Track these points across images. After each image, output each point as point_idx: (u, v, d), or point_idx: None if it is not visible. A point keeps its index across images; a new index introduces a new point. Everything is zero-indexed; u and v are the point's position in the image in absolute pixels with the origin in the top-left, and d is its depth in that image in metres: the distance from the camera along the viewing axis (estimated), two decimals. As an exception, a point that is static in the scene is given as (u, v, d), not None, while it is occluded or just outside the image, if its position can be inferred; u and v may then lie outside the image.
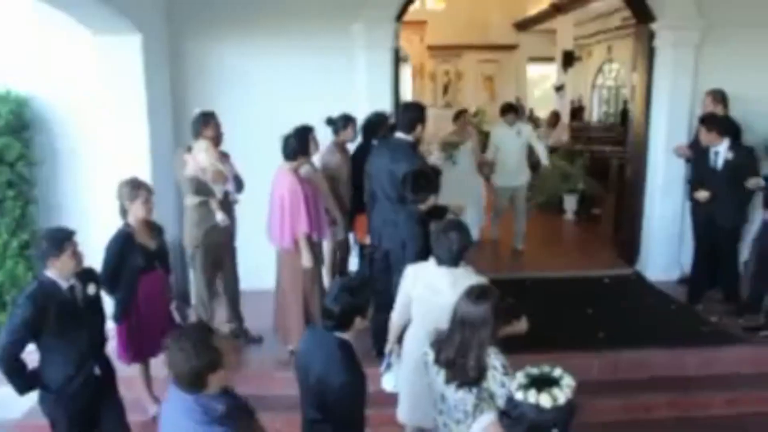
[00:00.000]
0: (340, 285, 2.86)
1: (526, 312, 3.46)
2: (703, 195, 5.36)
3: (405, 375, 3.59)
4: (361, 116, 5.41)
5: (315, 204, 4.49)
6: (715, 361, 4.87)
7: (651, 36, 6.13)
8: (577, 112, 14.52)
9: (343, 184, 5.21)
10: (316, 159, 5.13)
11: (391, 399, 3.75)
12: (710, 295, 5.79)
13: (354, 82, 5.92)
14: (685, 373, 4.82)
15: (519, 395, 2.18)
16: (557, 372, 2.27)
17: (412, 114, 4.30)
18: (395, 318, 3.63)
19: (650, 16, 6.07)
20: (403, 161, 4.01)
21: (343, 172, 5.21)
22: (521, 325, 3.55)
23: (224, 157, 4.78)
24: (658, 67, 6.13)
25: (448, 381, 2.93)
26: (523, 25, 16.11)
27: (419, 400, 3.43)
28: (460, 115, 7.70)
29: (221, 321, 5.07)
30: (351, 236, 5.45)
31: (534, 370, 2.29)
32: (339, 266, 5.51)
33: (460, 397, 2.92)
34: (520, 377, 2.28)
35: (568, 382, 2.22)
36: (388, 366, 3.73)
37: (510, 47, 16.72)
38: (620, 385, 4.68)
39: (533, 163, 7.74)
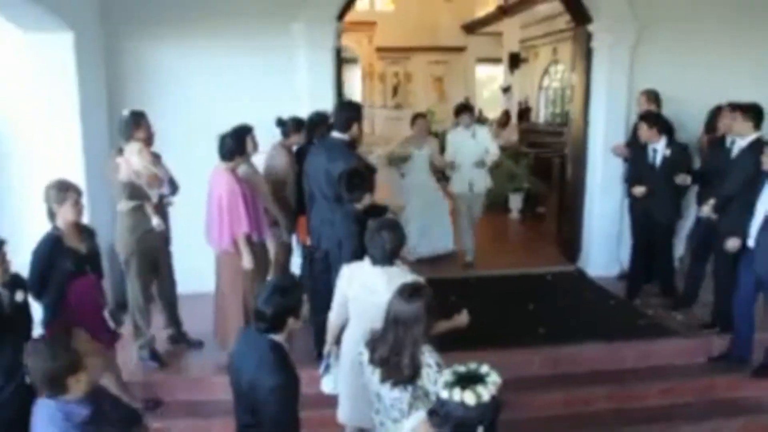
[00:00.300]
0: (272, 286, 2.82)
1: (468, 310, 3.49)
2: (639, 190, 5.51)
3: (343, 376, 3.58)
4: (303, 116, 5.36)
5: (254, 204, 4.42)
6: (651, 354, 4.99)
7: (588, 37, 6.27)
8: (524, 113, 14.75)
9: (290, 187, 5.15)
10: (258, 159, 5.07)
11: (332, 400, 3.73)
12: (647, 289, 5.95)
13: (295, 82, 5.87)
14: (623, 366, 4.92)
15: (444, 394, 2.18)
16: (484, 369, 2.28)
17: (348, 113, 4.29)
18: (332, 318, 3.61)
19: (587, 17, 6.21)
20: (340, 160, 3.99)
21: (290, 175, 5.15)
22: (461, 319, 3.57)
23: (156, 158, 4.67)
24: (596, 68, 6.28)
25: (383, 380, 2.92)
26: (471, 28, 16.34)
27: (358, 401, 3.41)
28: (417, 119, 7.09)
29: (159, 326, 4.96)
30: (294, 238, 5.40)
31: (461, 368, 2.30)
32: (281, 268, 5.43)
33: (396, 396, 2.91)
34: (447, 375, 2.29)
35: (493, 379, 2.23)
36: (327, 368, 3.71)
37: (459, 49, 16.95)
38: (561, 380, 4.75)
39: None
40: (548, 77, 16.42)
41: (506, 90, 14.29)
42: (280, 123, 5.18)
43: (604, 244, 6.46)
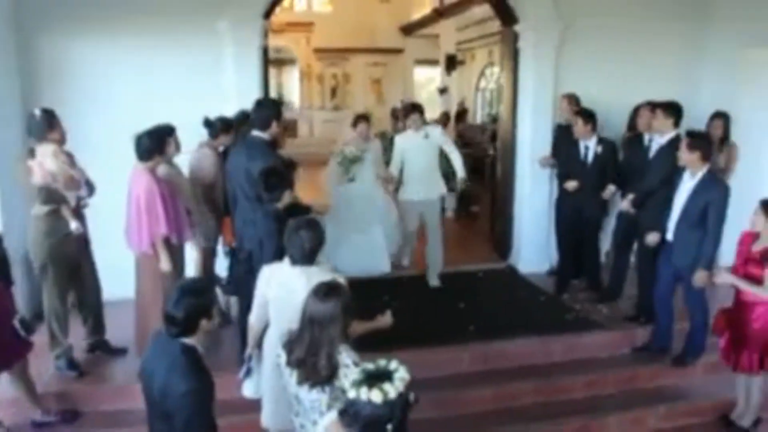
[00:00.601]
0: (181, 288, 2.73)
1: (399, 309, 3.49)
2: (572, 185, 5.64)
3: (265, 379, 3.51)
4: (230, 116, 5.25)
5: (174, 205, 4.30)
6: (577, 347, 5.10)
7: (515, 38, 6.38)
8: (461, 114, 14.90)
9: (218, 189, 5.02)
10: (182, 160, 4.95)
11: (257, 405, 3.65)
12: (576, 284, 6.10)
13: (222, 81, 5.75)
14: (551, 360, 5.02)
15: (352, 393, 2.16)
16: (392, 366, 2.26)
17: (267, 111, 4.21)
18: (253, 320, 3.54)
19: (514, 18, 6.32)
20: (259, 159, 3.92)
21: (219, 176, 5.02)
22: (385, 319, 3.55)
23: (70, 158, 4.48)
24: (523, 68, 6.40)
25: (300, 382, 2.86)
26: (409, 29, 16.43)
27: (280, 404, 3.34)
28: (359, 121, 6.49)
29: (78, 335, 4.76)
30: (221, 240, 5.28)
31: (370, 366, 2.28)
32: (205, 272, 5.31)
33: (314, 398, 2.86)
34: (355, 374, 2.26)
35: (401, 375, 2.21)
36: (248, 371, 3.62)
37: (396, 51, 17.02)
38: (490, 376, 4.80)
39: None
40: (485, 79, 16.63)
41: (443, 91, 14.43)
42: (208, 124, 5.04)
43: (534, 240, 6.58)
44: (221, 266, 5.22)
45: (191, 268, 5.20)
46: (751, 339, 4.24)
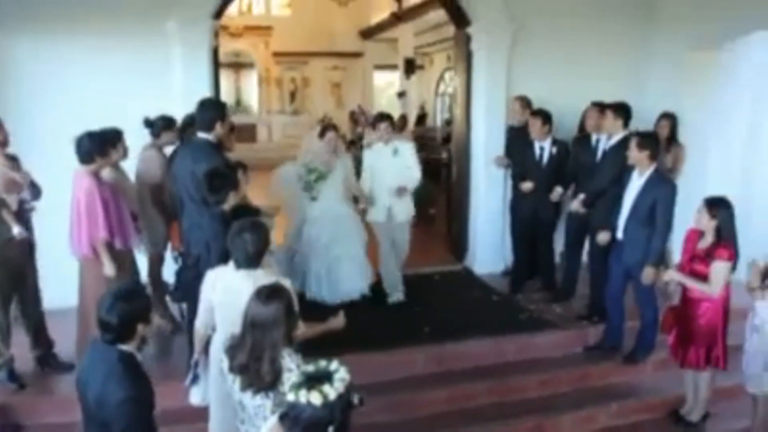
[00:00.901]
0: (114, 293, 2.63)
1: (354, 313, 3.44)
2: (527, 186, 5.68)
3: (212, 385, 3.43)
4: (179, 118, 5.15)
5: (118, 210, 4.18)
6: (531, 347, 5.13)
7: (468, 40, 6.42)
8: (421, 118, 14.99)
9: (166, 190, 4.90)
10: (130, 165, 4.84)
11: (205, 413, 3.56)
12: (531, 284, 6.14)
13: (172, 83, 5.63)
14: (505, 360, 5.03)
15: (291, 396, 2.11)
16: (332, 367, 2.22)
17: (211, 112, 4.13)
18: (198, 326, 3.47)
19: (466, 20, 6.35)
20: (203, 161, 3.84)
21: (166, 177, 4.90)
22: (337, 322, 3.52)
23: (14, 161, 4.33)
24: (476, 70, 6.43)
25: (243, 388, 2.80)
26: (368, 34, 16.43)
27: (226, 411, 3.26)
28: (327, 131, 5.77)
29: (22, 345, 4.58)
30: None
31: (309, 368, 2.23)
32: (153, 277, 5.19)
33: (259, 404, 2.80)
34: (294, 377, 2.22)
35: (341, 376, 2.17)
36: (195, 378, 3.54)
37: (356, 55, 17.01)
38: (444, 377, 4.78)
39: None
40: (444, 83, 16.77)
41: (402, 95, 14.47)
42: (148, 123, 4.94)
43: (490, 242, 6.61)
44: (172, 272, 5.10)
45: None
46: (697, 335, 4.32)
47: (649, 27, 6.73)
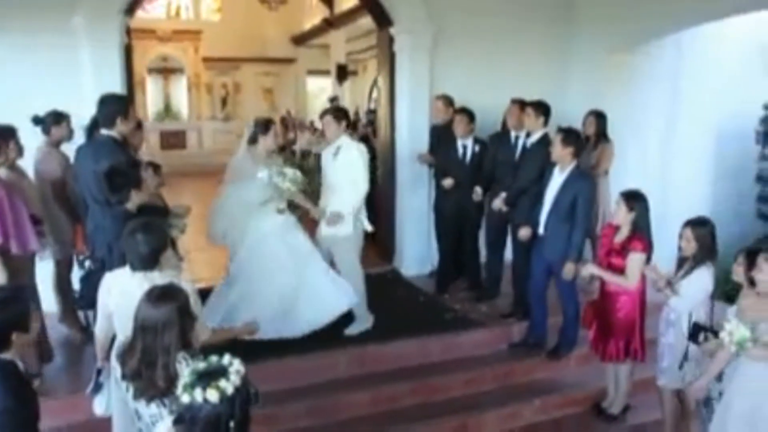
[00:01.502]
0: None
1: None
2: (448, 182, 5.67)
3: (113, 394, 3.22)
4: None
5: (14, 212, 3.90)
6: (456, 346, 5.09)
7: (391, 40, 6.38)
8: (354, 124, 14.90)
9: (69, 187, 4.65)
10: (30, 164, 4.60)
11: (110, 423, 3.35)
12: (458, 284, 6.12)
13: (81, 82, 5.35)
14: (429, 360, 4.97)
15: (185, 397, 1.98)
16: (226, 360, 2.10)
17: (111, 107, 3.95)
18: (98, 333, 3.27)
19: (388, 20, 6.31)
20: (104, 159, 3.64)
21: (67, 173, 4.65)
22: (251, 327, 3.44)
23: None
24: (399, 71, 6.40)
25: (136, 396, 2.63)
26: (300, 40, 16.31)
27: (127, 421, 3.07)
28: (270, 127, 4.83)
29: None
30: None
31: (200, 365, 2.10)
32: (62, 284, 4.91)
33: (154, 412, 2.64)
34: (185, 376, 2.08)
35: (236, 368, 2.06)
36: (98, 387, 3.33)
37: (288, 60, 16.85)
38: (367, 379, 4.69)
39: None
40: (377, 89, 16.73)
41: (333, 100, 14.35)
42: (38, 121, 4.71)
43: (416, 242, 6.57)
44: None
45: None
46: (616, 328, 4.37)
47: (569, 28, 6.85)
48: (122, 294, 3.03)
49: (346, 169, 4.85)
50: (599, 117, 5.89)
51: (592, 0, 6.68)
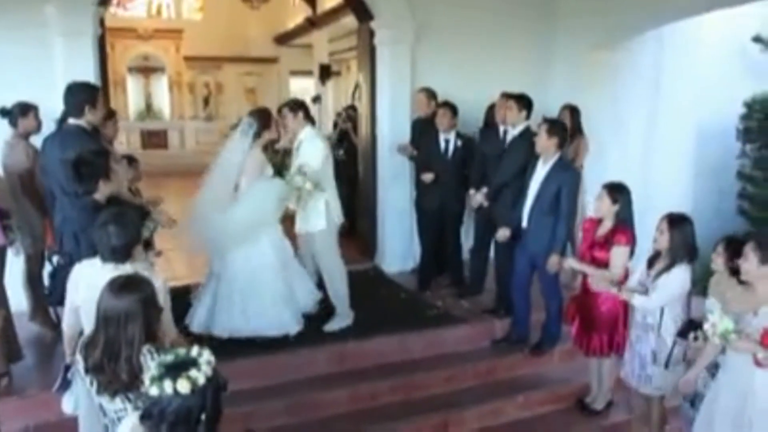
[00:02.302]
0: None
1: None
2: (428, 177, 5.63)
3: (80, 391, 3.11)
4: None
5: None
6: (437, 343, 5.03)
7: (372, 34, 6.31)
8: (336, 123, 14.82)
9: (37, 179, 4.53)
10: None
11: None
12: (441, 280, 6.07)
13: (54, 73, 5.21)
14: (410, 357, 4.90)
15: (154, 390, 1.90)
16: (194, 351, 2.02)
17: (79, 96, 3.84)
18: (65, 328, 3.16)
19: (369, 14, 6.25)
20: (71, 148, 3.54)
21: (35, 165, 4.53)
22: None
23: None
24: (380, 65, 6.33)
25: (99, 390, 2.53)
26: (282, 39, 16.18)
27: (93, 419, 2.96)
28: (272, 118, 4.82)
29: None
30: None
31: (168, 357, 2.02)
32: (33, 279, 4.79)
33: (119, 407, 2.54)
34: (153, 369, 1.99)
35: (206, 359, 1.99)
36: (66, 384, 3.20)
37: (271, 60, 16.71)
38: (347, 377, 4.62)
39: None
40: (358, 90, 16.67)
41: (316, 100, 14.27)
42: (4, 113, 4.63)
43: (398, 239, 6.50)
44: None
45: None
46: (599, 322, 4.33)
47: (551, 24, 6.82)
48: (90, 287, 2.90)
49: (302, 157, 4.78)
50: (574, 111, 5.88)
51: (573, -5, 6.67)
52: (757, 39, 7.09)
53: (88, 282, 2.93)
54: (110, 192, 3.47)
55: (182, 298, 5.25)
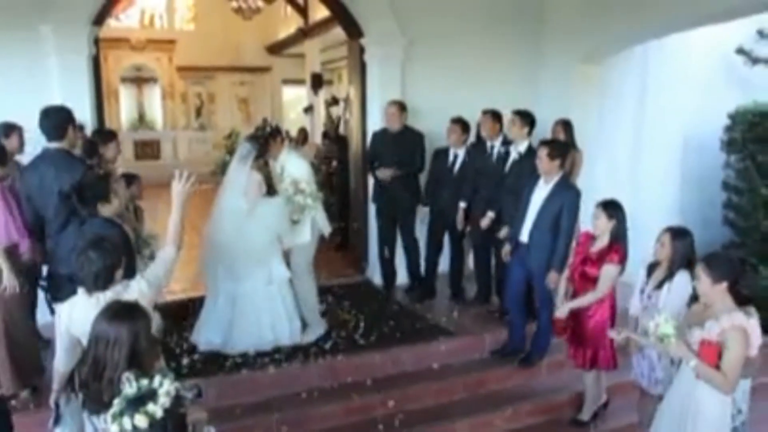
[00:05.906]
0: None
1: None
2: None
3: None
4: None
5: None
6: (428, 355, 5.07)
7: (362, 51, 6.39)
8: (327, 134, 14.85)
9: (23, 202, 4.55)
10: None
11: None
12: (436, 292, 6.16)
13: (49, 92, 5.27)
14: (401, 370, 4.96)
15: (114, 428, 2.00)
16: (156, 382, 2.11)
17: (57, 119, 3.89)
18: (57, 365, 3.06)
19: (359, 31, 6.33)
20: (66, 173, 3.58)
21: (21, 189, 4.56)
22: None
23: None
24: (370, 81, 6.41)
25: (84, 405, 2.64)
26: (275, 49, 16.28)
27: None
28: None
29: None
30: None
31: (129, 391, 2.11)
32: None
33: (104, 427, 2.59)
34: (115, 405, 2.09)
35: (165, 390, 2.08)
36: (58, 419, 3.22)
37: (263, 69, 16.80)
38: (340, 391, 4.67)
39: None
40: (347, 107, 16.74)
41: (308, 110, 14.34)
42: None
43: (389, 252, 6.55)
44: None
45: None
46: (587, 336, 4.40)
47: (539, 40, 6.92)
48: (84, 323, 2.78)
49: (290, 179, 5.00)
50: (567, 126, 5.96)
51: (561, 12, 6.77)
52: (740, 51, 7.19)
53: (80, 316, 2.87)
54: (110, 214, 3.50)
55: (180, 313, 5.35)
